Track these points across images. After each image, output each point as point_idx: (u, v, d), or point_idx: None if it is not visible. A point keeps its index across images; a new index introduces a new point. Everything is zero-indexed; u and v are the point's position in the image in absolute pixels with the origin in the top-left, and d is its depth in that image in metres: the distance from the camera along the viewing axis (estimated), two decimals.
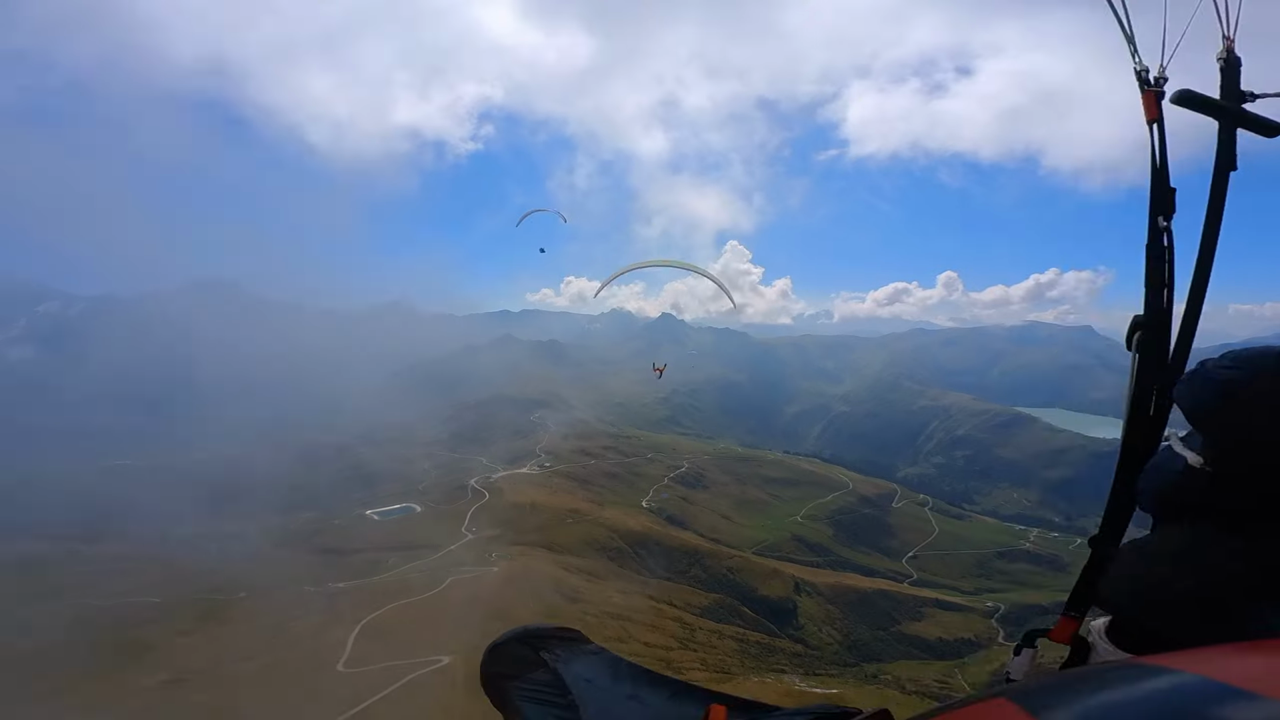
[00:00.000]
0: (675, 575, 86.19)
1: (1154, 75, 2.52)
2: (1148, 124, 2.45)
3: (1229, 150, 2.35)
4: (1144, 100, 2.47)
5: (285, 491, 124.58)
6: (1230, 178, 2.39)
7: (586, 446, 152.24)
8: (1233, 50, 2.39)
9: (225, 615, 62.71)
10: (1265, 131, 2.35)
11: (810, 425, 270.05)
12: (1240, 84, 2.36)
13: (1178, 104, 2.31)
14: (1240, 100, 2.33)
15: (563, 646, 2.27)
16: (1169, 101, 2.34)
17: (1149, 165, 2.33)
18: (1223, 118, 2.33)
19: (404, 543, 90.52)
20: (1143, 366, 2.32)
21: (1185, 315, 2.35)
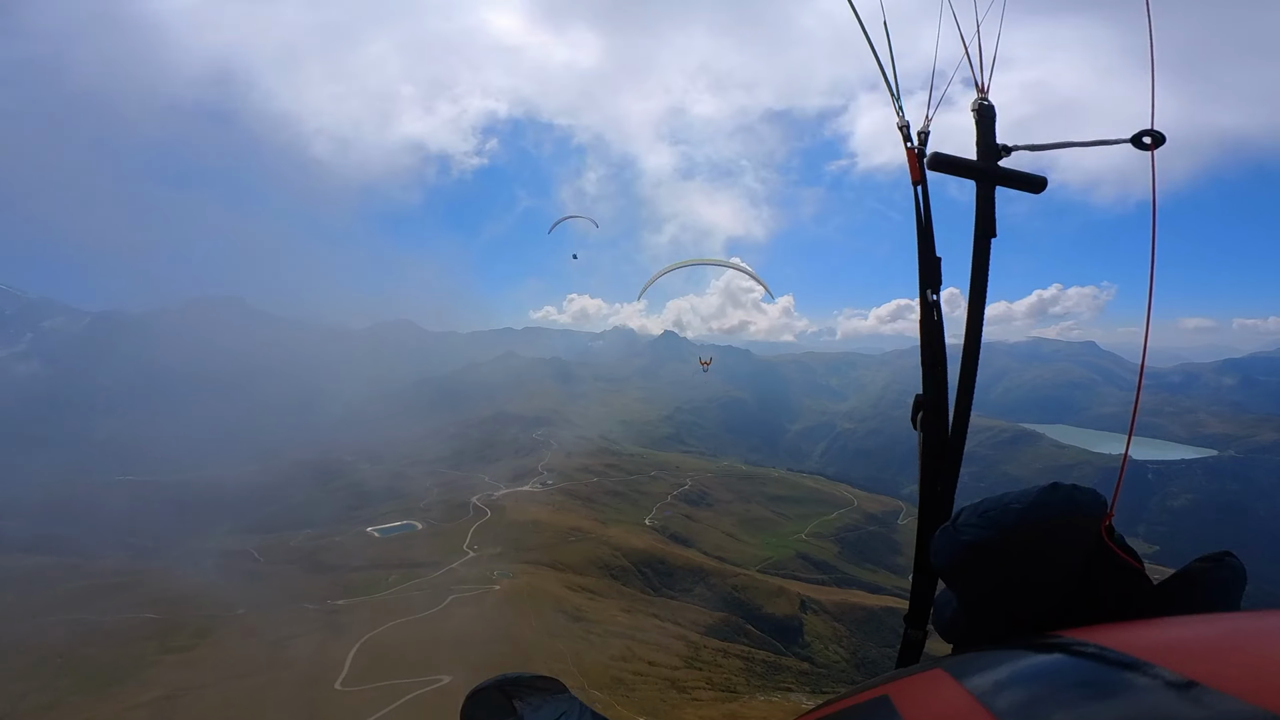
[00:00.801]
0: (680, 593, 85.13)
1: (917, 130, 2.33)
2: (912, 184, 2.28)
3: (987, 214, 2.20)
4: (907, 158, 2.31)
5: (287, 508, 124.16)
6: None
7: (589, 464, 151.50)
8: (986, 100, 2.22)
9: (222, 632, 61.90)
10: (1028, 187, 2.18)
11: (814, 443, 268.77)
12: (995, 136, 2.21)
13: (933, 169, 2.15)
14: (996, 156, 2.18)
15: (536, 696, 2.30)
16: (926, 166, 2.19)
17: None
18: (978, 179, 2.17)
19: (405, 560, 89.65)
20: (927, 445, 2.33)
21: (960, 389, 2.27)
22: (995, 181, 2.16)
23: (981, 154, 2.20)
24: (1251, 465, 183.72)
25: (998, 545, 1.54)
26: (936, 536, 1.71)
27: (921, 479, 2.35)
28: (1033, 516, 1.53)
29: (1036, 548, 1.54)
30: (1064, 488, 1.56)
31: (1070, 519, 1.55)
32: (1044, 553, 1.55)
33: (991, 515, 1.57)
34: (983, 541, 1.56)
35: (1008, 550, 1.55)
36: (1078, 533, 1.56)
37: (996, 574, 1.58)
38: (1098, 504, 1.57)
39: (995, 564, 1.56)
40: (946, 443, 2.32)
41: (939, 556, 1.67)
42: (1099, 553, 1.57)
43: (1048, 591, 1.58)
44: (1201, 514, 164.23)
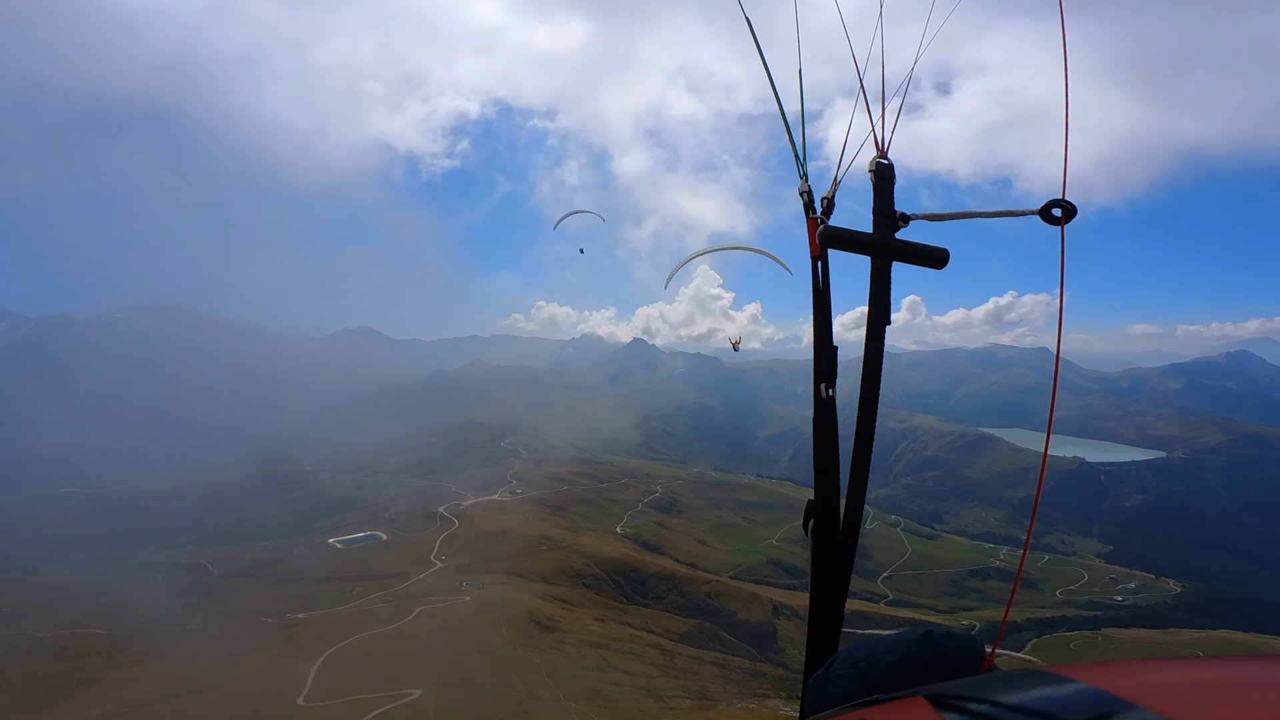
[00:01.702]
0: (653, 601, 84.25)
1: (822, 197, 2.14)
2: (811, 260, 2.07)
3: (883, 297, 1.98)
4: (808, 228, 2.11)
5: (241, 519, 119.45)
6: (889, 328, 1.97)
7: (559, 472, 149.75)
8: (886, 160, 2.04)
9: (174, 647, 58.87)
10: (928, 262, 1.96)
11: (782, 449, 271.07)
12: (894, 203, 2.01)
13: (825, 244, 1.95)
14: (894, 225, 1.98)
15: None
16: (818, 242, 1.99)
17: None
18: (874, 255, 1.96)
19: (369, 572, 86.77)
20: (817, 552, 2.24)
21: (850, 489, 2.18)
22: (891, 257, 1.95)
23: (878, 223, 2.00)
24: (1198, 466, 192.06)
25: (866, 701, 1.53)
26: (810, 684, 1.71)
27: (812, 590, 2.24)
28: (904, 670, 1.51)
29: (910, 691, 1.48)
30: (937, 638, 1.52)
31: (941, 669, 1.50)
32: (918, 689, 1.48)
33: (861, 668, 1.56)
34: (850, 695, 1.55)
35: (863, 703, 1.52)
36: (954, 675, 1.52)
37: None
38: (973, 653, 1.54)
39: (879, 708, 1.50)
40: (839, 547, 2.23)
41: (810, 705, 1.67)
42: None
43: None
44: (1151, 514, 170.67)
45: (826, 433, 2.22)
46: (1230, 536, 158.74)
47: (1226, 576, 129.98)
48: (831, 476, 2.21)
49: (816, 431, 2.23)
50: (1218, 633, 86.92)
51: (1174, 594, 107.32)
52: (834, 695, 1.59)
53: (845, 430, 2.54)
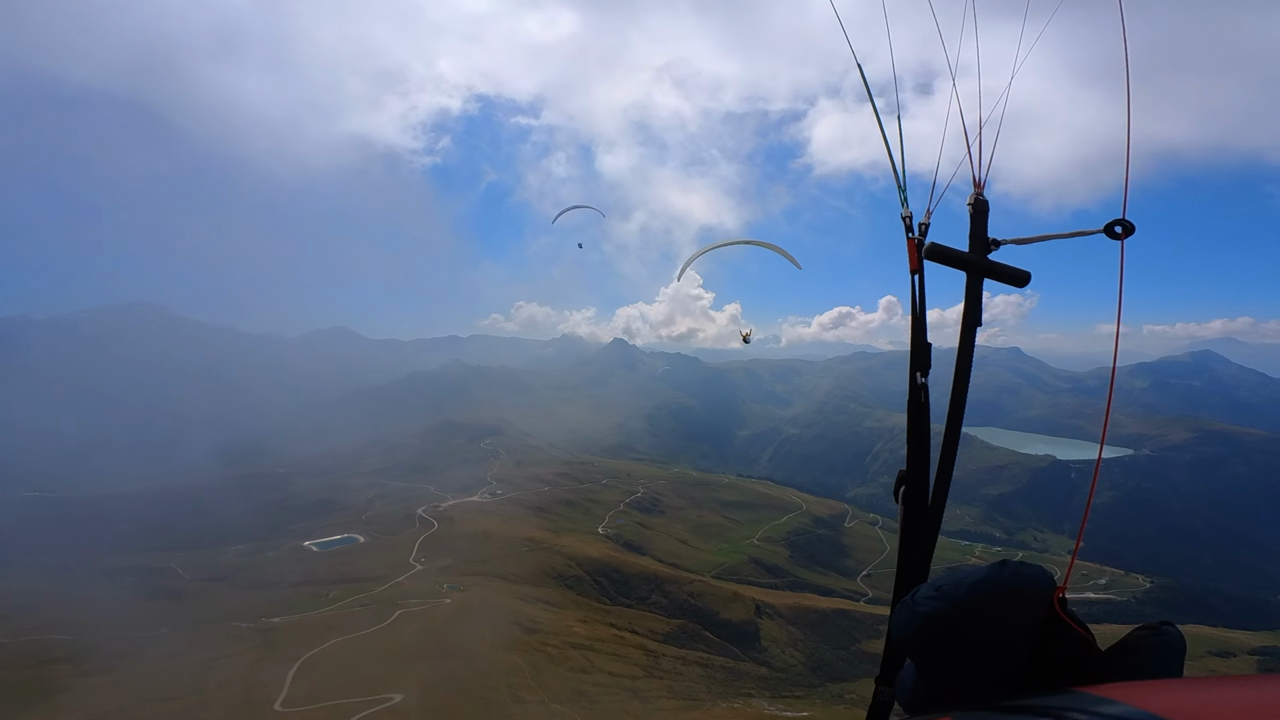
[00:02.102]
0: (636, 602, 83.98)
1: (918, 221, 2.52)
2: (910, 274, 2.47)
3: (975, 304, 2.39)
4: (908, 248, 2.49)
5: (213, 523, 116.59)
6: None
7: (540, 473, 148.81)
8: (981, 195, 2.38)
9: (144, 653, 57.15)
10: (1013, 281, 2.34)
11: (762, 448, 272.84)
12: (987, 230, 2.35)
13: (929, 259, 2.32)
14: (986, 249, 2.32)
15: None
16: (922, 256, 2.36)
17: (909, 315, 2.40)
18: (969, 270, 2.32)
19: (346, 575, 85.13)
20: (907, 517, 2.52)
21: (940, 466, 2.48)
22: (984, 274, 2.30)
23: (973, 247, 2.34)
24: (1164, 463, 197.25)
25: (950, 617, 1.72)
26: (896, 610, 1.87)
27: (900, 549, 2.53)
28: (983, 590, 1.72)
29: (988, 617, 1.72)
30: (1012, 565, 1.76)
31: (1019, 592, 1.73)
32: (995, 621, 1.73)
33: (945, 589, 1.76)
34: (937, 613, 1.74)
35: (960, 621, 1.72)
36: (1026, 605, 1.74)
37: (950, 644, 1.75)
38: (1044, 579, 1.76)
39: (949, 634, 1.74)
40: (925, 515, 2.51)
41: (898, 629, 1.83)
42: (1050, 623, 1.77)
43: (1000, 659, 1.75)
44: (1121, 510, 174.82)
45: (919, 413, 2.52)
46: (1196, 532, 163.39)
47: (1192, 571, 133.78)
48: (923, 451, 2.48)
49: (911, 411, 2.54)
50: (1186, 627, 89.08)
51: (1143, 589, 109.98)
52: (921, 613, 1.76)
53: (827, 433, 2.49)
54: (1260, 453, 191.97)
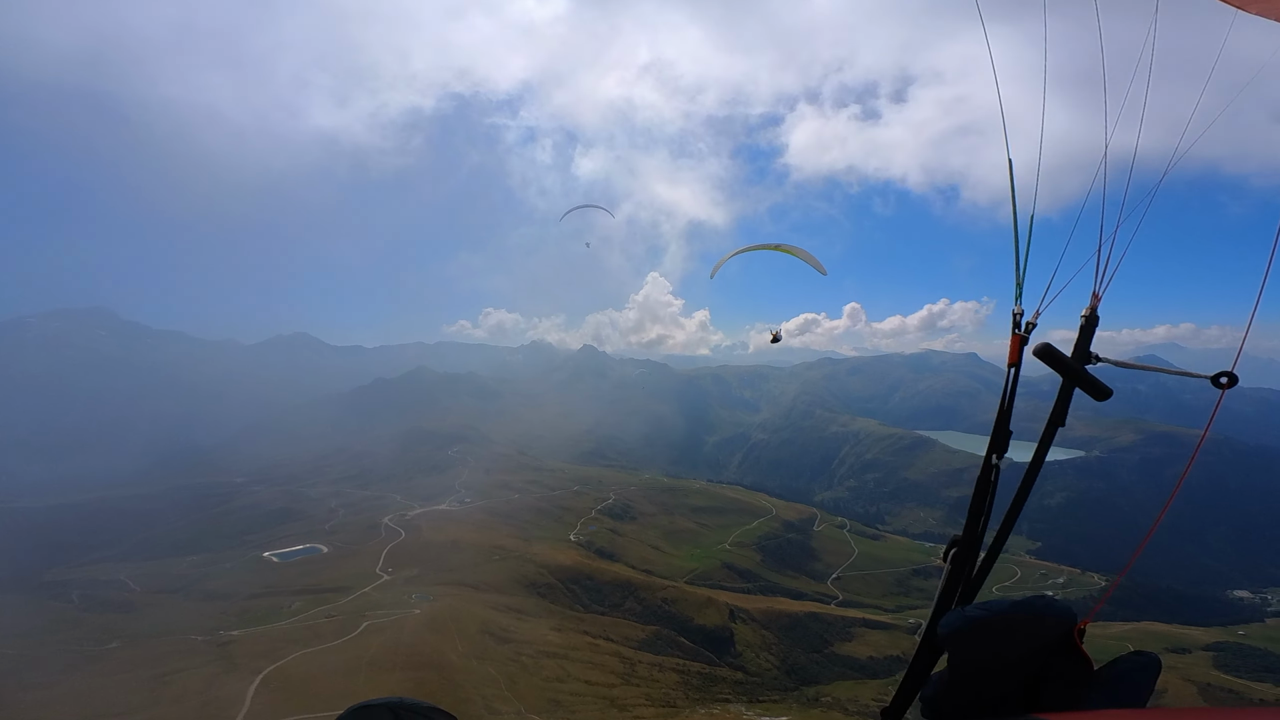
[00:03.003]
0: (610, 609, 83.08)
1: (1026, 320, 2.67)
2: (1007, 366, 2.65)
3: (1063, 407, 2.54)
4: (1011, 342, 2.64)
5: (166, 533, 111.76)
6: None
7: (510, 480, 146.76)
8: (1096, 310, 2.54)
9: (95, 667, 54.16)
10: (1096, 395, 2.50)
11: (731, 454, 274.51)
12: (1090, 344, 2.50)
13: (1037, 356, 2.46)
14: (1085, 360, 2.48)
15: None
16: (1032, 353, 2.50)
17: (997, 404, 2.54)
18: (1067, 376, 2.46)
19: (309, 586, 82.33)
20: (951, 578, 2.66)
21: (994, 542, 2.63)
22: (1078, 383, 2.44)
23: (1076, 354, 2.48)
24: (1113, 464, 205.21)
25: (995, 623, 2.09)
26: (948, 615, 2.22)
27: (936, 604, 2.66)
28: (1021, 609, 2.10)
29: (1020, 632, 2.10)
30: (1045, 598, 2.15)
31: (1045, 617, 2.10)
32: (1025, 636, 2.10)
33: (992, 604, 2.15)
34: (982, 619, 2.10)
35: (1000, 628, 2.09)
36: (1050, 628, 2.11)
37: (987, 646, 2.12)
38: (1068, 613, 2.13)
39: (988, 637, 2.10)
40: (967, 580, 2.66)
41: (947, 626, 2.17)
42: (1063, 648, 2.13)
43: (1018, 670, 2.14)
44: (1074, 511, 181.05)
45: (986, 489, 2.63)
46: (1144, 530, 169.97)
47: (1142, 570, 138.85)
48: (981, 522, 2.62)
49: (979, 486, 2.64)
50: (1142, 624, 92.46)
51: (1099, 588, 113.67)
52: (971, 616, 2.11)
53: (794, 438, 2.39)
54: (1203, 453, 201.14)
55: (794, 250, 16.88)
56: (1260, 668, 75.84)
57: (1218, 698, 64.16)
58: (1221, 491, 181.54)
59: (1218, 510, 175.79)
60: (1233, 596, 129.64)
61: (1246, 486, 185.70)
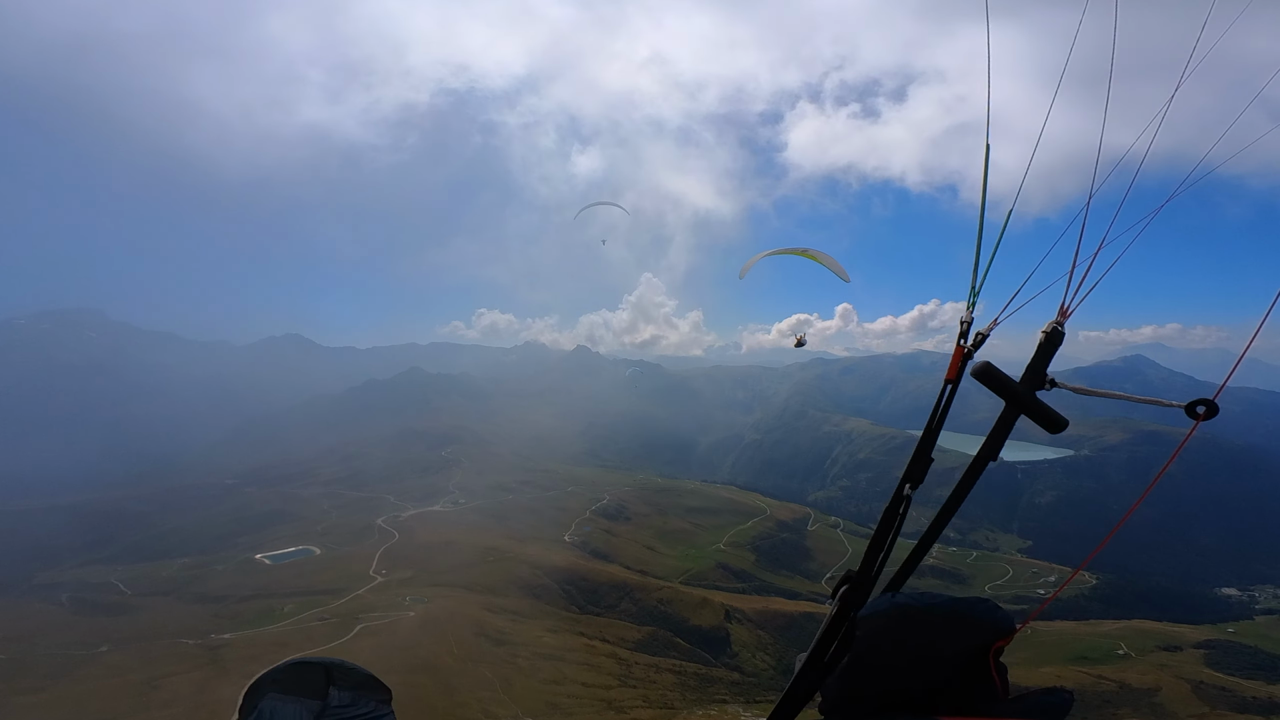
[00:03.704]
0: (606, 610, 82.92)
1: (979, 330, 2.26)
2: (944, 382, 2.25)
3: (999, 437, 2.15)
4: (953, 354, 2.24)
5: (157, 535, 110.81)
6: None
7: (503, 481, 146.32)
8: (1061, 327, 2.13)
9: (82, 672, 53.48)
10: (1048, 426, 2.13)
11: (725, 454, 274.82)
12: (1048, 365, 2.12)
13: (976, 378, 2.11)
14: (1038, 385, 2.10)
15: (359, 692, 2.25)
16: (969, 372, 2.15)
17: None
18: (1011, 403, 2.10)
19: (301, 588, 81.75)
20: (837, 617, 2.26)
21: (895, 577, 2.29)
22: (1024, 411, 2.08)
23: (1027, 377, 2.09)
24: (1102, 463, 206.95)
25: (917, 614, 1.86)
26: (878, 596, 1.99)
27: (815, 647, 2.25)
28: (952, 608, 1.86)
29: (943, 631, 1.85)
30: (987, 603, 1.87)
31: (971, 621, 1.85)
32: (948, 635, 1.85)
33: (929, 595, 1.91)
34: (909, 606, 1.87)
35: (922, 621, 1.85)
36: (973, 635, 1.85)
37: (905, 638, 1.87)
38: (999, 625, 1.87)
39: (908, 628, 1.86)
40: (852, 622, 2.22)
41: (872, 607, 1.95)
42: (978, 662, 1.87)
43: (926, 674, 1.89)
44: (1063, 510, 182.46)
45: (892, 522, 2.32)
46: (1132, 529, 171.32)
47: (1132, 568, 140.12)
48: (878, 559, 2.30)
49: (884, 517, 2.32)
50: (1133, 622, 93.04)
51: (1090, 586, 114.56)
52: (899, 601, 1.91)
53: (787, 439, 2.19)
54: (1190, 452, 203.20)
55: (819, 256, 16.80)
56: (1251, 665, 76.52)
57: (1211, 696, 64.70)
58: (1209, 490, 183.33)
59: (1205, 509, 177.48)
60: (1221, 594, 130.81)
61: (1234, 485, 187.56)
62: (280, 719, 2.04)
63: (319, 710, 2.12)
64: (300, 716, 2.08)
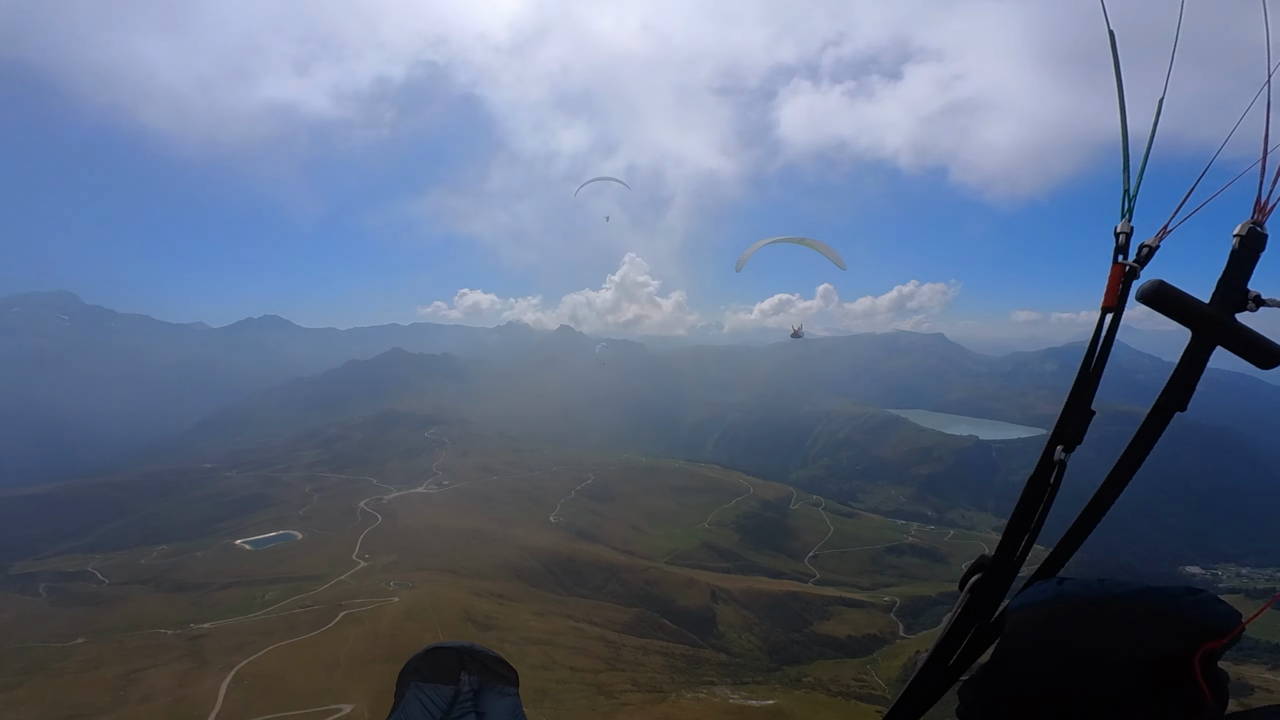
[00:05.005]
0: (593, 592, 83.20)
1: (1143, 243, 1.78)
2: (1101, 310, 1.78)
3: (1188, 380, 1.66)
4: (1110, 274, 1.76)
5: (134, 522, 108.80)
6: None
7: (488, 462, 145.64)
8: (1260, 228, 1.60)
9: (57, 665, 52.39)
10: (1258, 360, 1.57)
11: (708, 433, 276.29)
12: (1249, 280, 1.59)
13: (1145, 303, 1.58)
14: (1236, 305, 1.57)
15: (485, 676, 2.38)
16: (1135, 297, 1.64)
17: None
18: (1202, 332, 1.58)
19: (283, 575, 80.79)
20: (967, 610, 1.90)
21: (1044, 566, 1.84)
22: (1219, 340, 1.57)
23: (1220, 296, 1.58)
24: None
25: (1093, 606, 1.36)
26: (1033, 586, 1.57)
27: (939, 644, 1.92)
28: (1150, 597, 1.33)
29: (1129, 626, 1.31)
30: (1193, 592, 1.34)
31: (1183, 619, 1.29)
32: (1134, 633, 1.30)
33: (1108, 582, 1.42)
34: (1083, 595, 1.39)
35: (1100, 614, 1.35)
36: (1166, 638, 1.29)
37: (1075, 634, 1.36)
38: (1218, 624, 1.29)
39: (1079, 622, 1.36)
40: (986, 619, 1.88)
41: (1030, 597, 1.51)
42: (1177, 670, 1.27)
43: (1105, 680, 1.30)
44: None
45: (1041, 495, 1.89)
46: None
47: (1101, 546, 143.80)
48: (1020, 539, 1.88)
49: (1029, 490, 1.90)
50: None
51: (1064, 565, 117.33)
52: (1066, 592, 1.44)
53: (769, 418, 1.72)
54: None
55: (816, 244, 16.26)
56: None
57: None
58: (1175, 470, 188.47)
59: (1171, 488, 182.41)
60: (1186, 572, 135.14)
61: (1198, 465, 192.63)
62: (421, 707, 2.19)
63: (452, 696, 2.26)
64: (437, 704, 2.23)
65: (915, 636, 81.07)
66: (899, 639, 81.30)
